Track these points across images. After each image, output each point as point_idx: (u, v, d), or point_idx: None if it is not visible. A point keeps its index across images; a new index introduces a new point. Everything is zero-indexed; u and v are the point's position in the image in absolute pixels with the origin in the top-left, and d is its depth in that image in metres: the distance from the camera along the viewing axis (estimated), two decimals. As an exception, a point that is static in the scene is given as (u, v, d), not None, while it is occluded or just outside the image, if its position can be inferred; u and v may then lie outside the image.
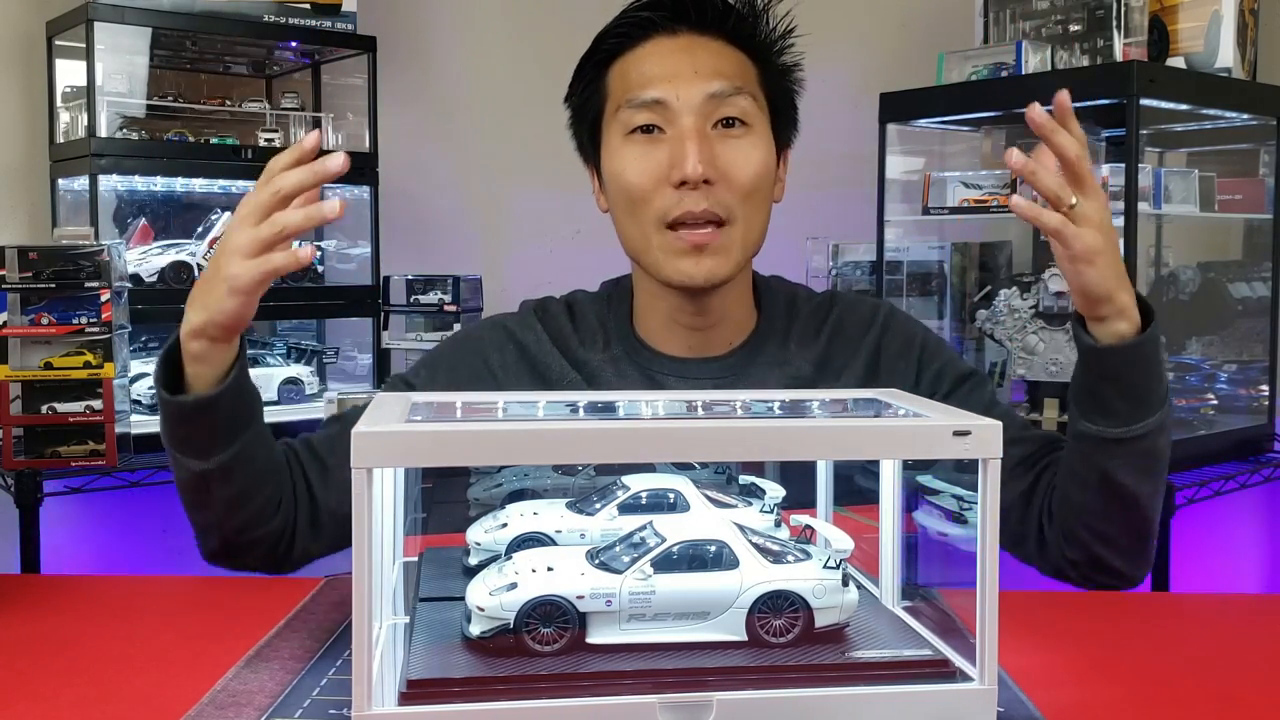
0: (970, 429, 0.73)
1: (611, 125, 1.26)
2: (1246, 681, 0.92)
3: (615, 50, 1.27)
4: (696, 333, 1.30)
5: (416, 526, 0.92)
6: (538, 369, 1.30)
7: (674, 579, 0.78)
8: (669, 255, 1.22)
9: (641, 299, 1.33)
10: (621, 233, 1.28)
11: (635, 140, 1.23)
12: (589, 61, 1.29)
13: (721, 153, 1.21)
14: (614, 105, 1.25)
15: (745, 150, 1.22)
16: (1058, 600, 1.15)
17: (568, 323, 1.34)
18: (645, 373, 1.30)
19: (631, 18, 1.26)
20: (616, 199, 1.26)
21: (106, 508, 2.45)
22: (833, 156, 2.62)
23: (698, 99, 1.21)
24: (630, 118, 1.23)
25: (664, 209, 1.21)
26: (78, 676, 0.92)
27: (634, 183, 1.22)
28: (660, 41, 1.25)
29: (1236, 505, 2.35)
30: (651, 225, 1.22)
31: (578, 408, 0.93)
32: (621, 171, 1.23)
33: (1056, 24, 2.30)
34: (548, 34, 2.86)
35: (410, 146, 2.77)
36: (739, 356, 1.31)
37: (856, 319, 1.33)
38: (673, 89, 1.21)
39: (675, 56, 1.23)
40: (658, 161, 1.21)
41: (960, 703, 0.76)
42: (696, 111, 1.21)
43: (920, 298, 2.50)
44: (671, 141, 1.21)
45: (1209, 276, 2.51)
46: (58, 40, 2.34)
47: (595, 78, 1.28)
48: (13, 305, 1.98)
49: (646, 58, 1.24)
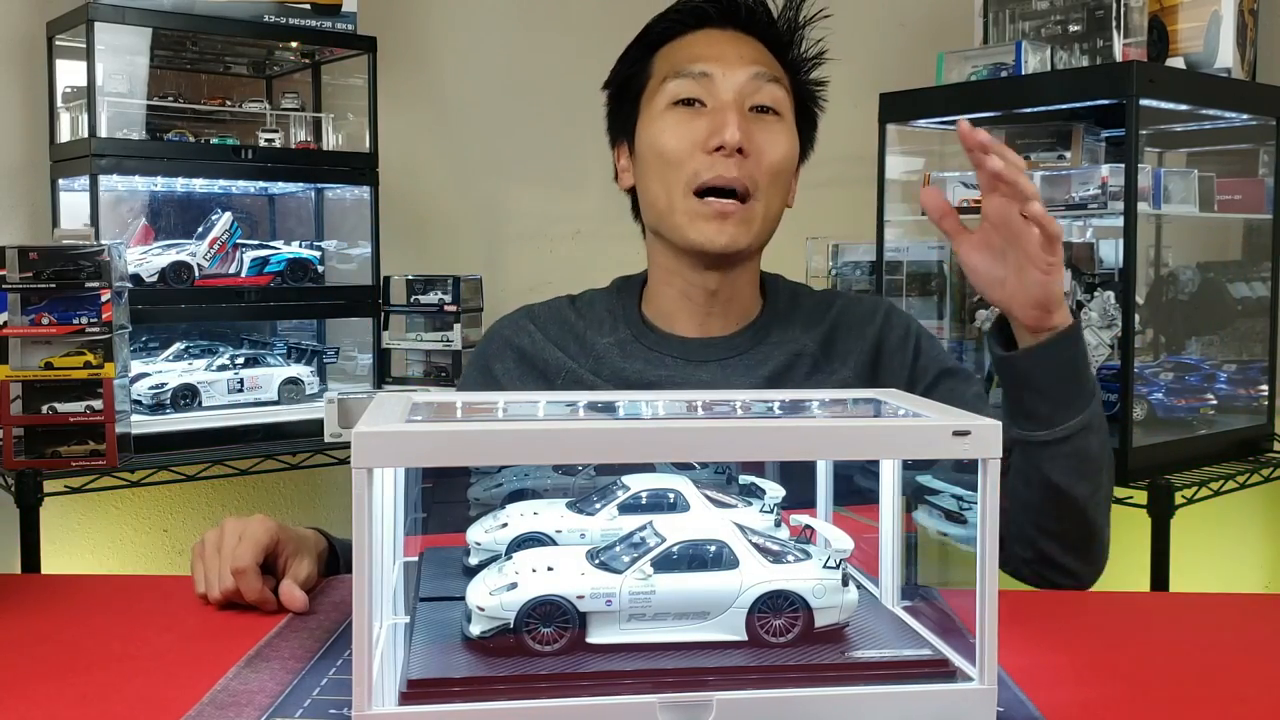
0: (970, 429, 0.73)
1: (655, 98, 1.32)
2: (1246, 681, 0.92)
3: (665, 35, 1.36)
4: (706, 310, 1.35)
5: (416, 526, 0.92)
6: (537, 366, 1.35)
7: (674, 579, 0.78)
8: (694, 219, 1.27)
9: (655, 276, 1.37)
10: (647, 198, 1.33)
11: (677, 110, 1.30)
12: (638, 44, 1.38)
13: (756, 131, 1.29)
14: (659, 79, 1.32)
15: (777, 134, 1.31)
16: (1058, 600, 1.15)
17: (571, 314, 1.39)
18: (652, 353, 1.33)
19: (686, 7, 1.35)
20: (649, 163, 1.31)
21: (106, 508, 2.45)
22: (833, 156, 2.61)
23: (741, 78, 1.29)
24: (676, 89, 1.30)
25: (696, 171, 1.27)
26: (78, 676, 0.92)
27: (671, 146, 1.28)
28: (709, 32, 1.34)
29: (1236, 505, 2.35)
30: (680, 189, 1.28)
31: (578, 407, 0.93)
32: (659, 134, 1.30)
33: (1056, 24, 2.30)
34: (548, 34, 2.86)
35: (410, 146, 2.77)
36: (745, 337, 1.35)
37: (859, 311, 1.38)
38: (719, 66, 1.29)
39: (722, 44, 1.33)
40: (696, 130, 1.28)
41: (960, 703, 0.76)
42: (738, 89, 1.29)
43: (920, 298, 2.50)
44: (712, 113, 1.28)
45: (1209, 276, 2.51)
46: (58, 40, 2.34)
47: (641, 58, 1.36)
48: (13, 305, 1.98)
49: (696, 42, 1.34)
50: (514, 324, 1.40)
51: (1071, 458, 1.18)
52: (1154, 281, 2.44)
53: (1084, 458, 1.19)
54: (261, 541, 1.08)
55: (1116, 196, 2.08)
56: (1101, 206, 2.12)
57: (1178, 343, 2.45)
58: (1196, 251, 2.55)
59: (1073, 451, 1.18)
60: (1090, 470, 1.20)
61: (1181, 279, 2.49)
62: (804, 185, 1.40)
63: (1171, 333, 2.46)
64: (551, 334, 1.37)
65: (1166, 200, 2.20)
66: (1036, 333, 1.18)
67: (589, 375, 1.33)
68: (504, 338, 1.39)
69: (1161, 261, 2.47)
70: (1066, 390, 1.18)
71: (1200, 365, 2.39)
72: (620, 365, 1.32)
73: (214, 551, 1.10)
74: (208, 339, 2.47)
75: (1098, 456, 1.20)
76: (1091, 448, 1.19)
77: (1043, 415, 1.18)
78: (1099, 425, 1.20)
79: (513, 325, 1.40)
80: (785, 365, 1.33)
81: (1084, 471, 1.19)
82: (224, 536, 1.10)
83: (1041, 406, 1.18)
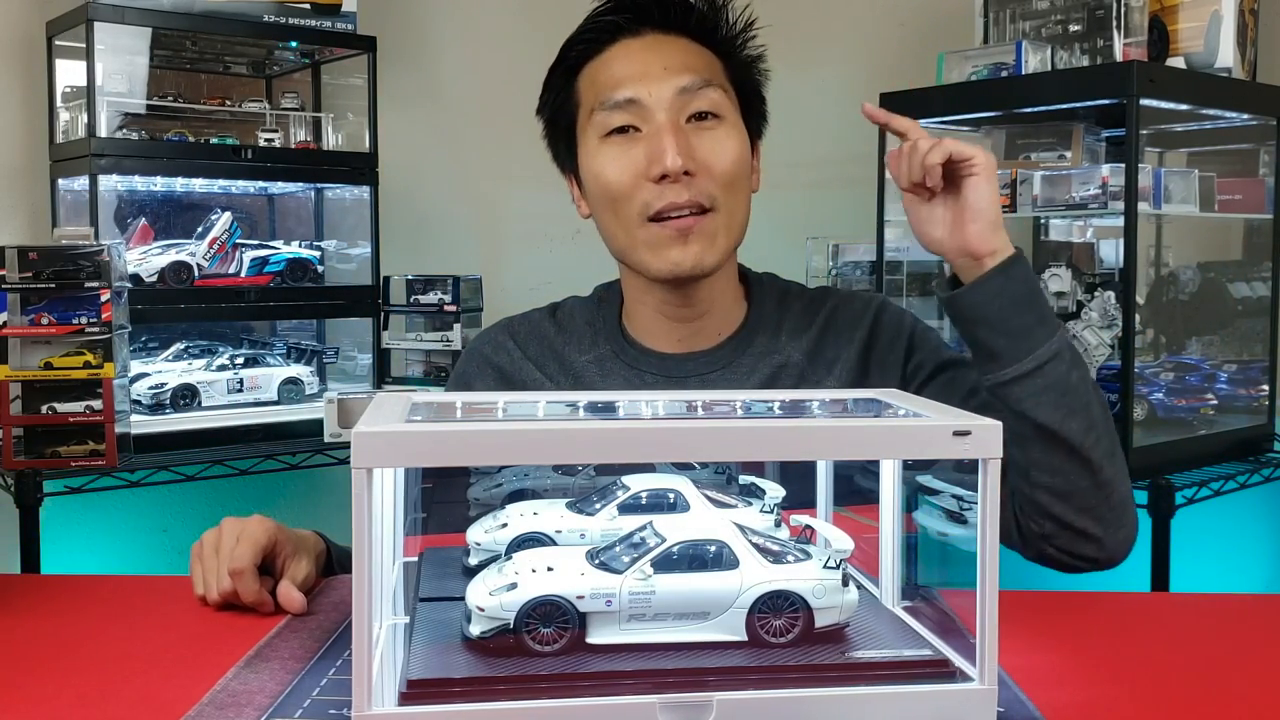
0: (970, 429, 0.73)
1: (587, 130, 1.27)
2: (1246, 681, 0.92)
3: (583, 56, 1.29)
4: (685, 325, 1.32)
5: (416, 526, 0.92)
6: (515, 386, 1.34)
7: (674, 579, 0.78)
8: (655, 248, 1.24)
9: (630, 295, 1.35)
10: (605, 233, 1.30)
11: (612, 141, 1.25)
12: (557, 70, 1.32)
13: (698, 145, 1.23)
14: (587, 110, 1.27)
15: (720, 140, 1.25)
16: (1058, 600, 1.15)
17: (551, 328, 1.37)
18: (631, 370, 1.31)
19: (596, 22, 1.29)
20: (598, 200, 1.27)
21: (106, 508, 2.45)
22: (833, 156, 2.62)
23: (669, 94, 1.23)
24: (605, 120, 1.25)
25: (646, 203, 1.23)
26: (78, 676, 0.92)
27: (614, 180, 1.24)
28: (626, 43, 1.27)
29: (1236, 505, 2.35)
30: (634, 221, 1.24)
31: (578, 408, 0.93)
32: (601, 172, 1.25)
33: (1056, 24, 2.29)
34: (548, 34, 2.85)
35: (410, 146, 2.77)
36: (727, 350, 1.32)
37: (850, 312, 1.34)
38: (644, 87, 1.23)
39: (643, 55, 1.26)
40: (636, 159, 1.23)
41: (960, 703, 0.76)
42: (669, 106, 1.23)
43: (920, 298, 2.50)
44: (648, 138, 1.23)
45: (1209, 276, 2.51)
46: (58, 40, 2.34)
47: (565, 85, 1.31)
48: (13, 305, 1.98)
49: (615, 60, 1.27)
50: (493, 341, 1.38)
51: (1050, 391, 1.13)
52: (1154, 281, 2.44)
53: (1064, 389, 1.13)
54: (260, 542, 1.08)
55: (1117, 196, 2.08)
56: (1102, 206, 2.12)
57: (1178, 343, 2.45)
58: (1197, 251, 2.55)
59: (1049, 385, 1.13)
60: (1076, 404, 1.13)
61: (1182, 279, 2.49)
62: (804, 185, 1.40)
63: (1172, 333, 2.46)
64: (531, 352, 1.35)
65: (1167, 200, 2.20)
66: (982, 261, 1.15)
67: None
68: (483, 355, 1.37)
69: (1162, 261, 2.47)
70: (1023, 319, 1.13)
71: (1200, 365, 2.39)
72: (599, 385, 1.31)
73: (212, 553, 1.10)
74: (207, 339, 2.47)
75: (1081, 390, 1.14)
76: (1070, 379, 1.14)
77: (1004, 350, 1.14)
78: (1073, 358, 1.15)
79: (492, 343, 1.38)
80: (769, 378, 1.30)
81: (1070, 406, 1.13)
82: (222, 537, 1.10)
83: (999, 340, 1.14)
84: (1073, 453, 1.14)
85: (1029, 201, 2.22)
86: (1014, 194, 2.22)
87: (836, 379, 1.30)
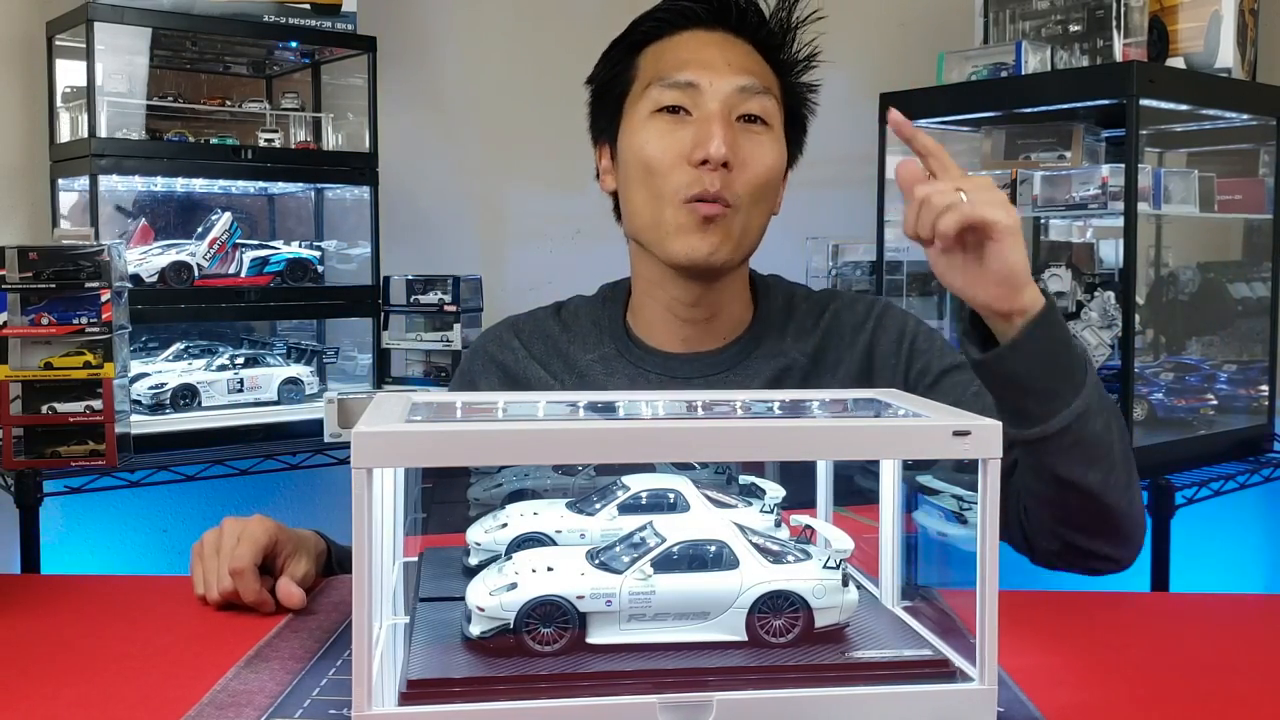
0: (970, 429, 0.73)
1: (638, 103, 1.29)
2: (1246, 681, 0.92)
3: (651, 35, 1.31)
4: (692, 325, 1.32)
5: (416, 526, 0.92)
6: (519, 384, 1.34)
7: (674, 579, 0.78)
8: (678, 231, 1.25)
9: (640, 288, 1.35)
10: (630, 208, 1.30)
11: (661, 118, 1.26)
12: (621, 43, 1.34)
13: (743, 143, 1.25)
14: (643, 83, 1.29)
15: (764, 145, 1.27)
16: (1058, 600, 1.15)
17: (556, 327, 1.37)
18: (635, 370, 1.31)
19: (672, 7, 1.31)
20: (633, 172, 1.28)
21: (106, 508, 2.45)
22: (833, 156, 2.61)
23: (728, 89, 1.25)
24: (660, 95, 1.26)
25: (680, 184, 1.24)
26: (78, 676, 0.92)
27: (655, 157, 1.25)
28: (697, 33, 1.30)
29: (1236, 505, 2.35)
30: (665, 199, 1.25)
31: (578, 407, 0.93)
32: (644, 145, 1.26)
33: (1056, 24, 2.30)
34: (548, 34, 2.86)
35: (410, 146, 2.77)
36: (733, 352, 1.32)
37: (853, 316, 1.35)
38: (706, 75, 1.25)
39: (710, 49, 1.28)
40: (681, 139, 1.24)
41: (960, 703, 0.76)
42: (725, 100, 1.25)
43: (920, 298, 2.50)
44: (697, 123, 1.24)
45: (1209, 277, 2.51)
46: (58, 40, 2.34)
47: (625, 58, 1.32)
48: (13, 305, 1.98)
49: (683, 44, 1.29)
50: (498, 339, 1.38)
51: (1074, 448, 1.11)
52: (1154, 281, 2.44)
53: (1088, 445, 1.11)
54: (260, 542, 1.08)
55: (1117, 196, 2.08)
56: (1102, 206, 2.12)
57: (1178, 343, 2.45)
58: (1196, 251, 2.55)
59: (1074, 442, 1.10)
60: (1098, 456, 1.12)
61: (1182, 279, 2.49)
62: (804, 185, 1.40)
63: (1172, 333, 2.46)
64: (535, 350, 1.35)
65: (1167, 200, 2.20)
66: (1008, 318, 1.09)
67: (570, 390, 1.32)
68: (488, 353, 1.37)
69: (1162, 261, 2.47)
70: (1052, 380, 1.10)
71: (1200, 365, 2.39)
72: (604, 384, 1.31)
73: (212, 552, 1.10)
74: (207, 339, 2.47)
75: (1104, 439, 1.12)
76: (1094, 431, 1.11)
77: (1034, 412, 1.11)
78: (1099, 406, 1.12)
79: (496, 340, 1.38)
80: (773, 380, 1.30)
81: (1092, 458, 1.12)
82: (223, 537, 1.10)
83: (1030, 404, 1.10)
84: (1089, 498, 1.14)
85: (1029, 201, 2.22)
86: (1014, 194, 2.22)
87: (839, 382, 1.30)
